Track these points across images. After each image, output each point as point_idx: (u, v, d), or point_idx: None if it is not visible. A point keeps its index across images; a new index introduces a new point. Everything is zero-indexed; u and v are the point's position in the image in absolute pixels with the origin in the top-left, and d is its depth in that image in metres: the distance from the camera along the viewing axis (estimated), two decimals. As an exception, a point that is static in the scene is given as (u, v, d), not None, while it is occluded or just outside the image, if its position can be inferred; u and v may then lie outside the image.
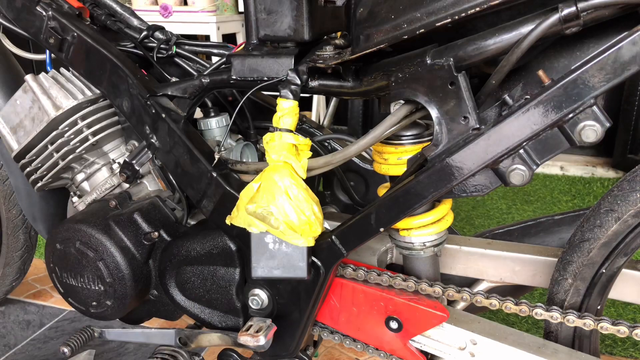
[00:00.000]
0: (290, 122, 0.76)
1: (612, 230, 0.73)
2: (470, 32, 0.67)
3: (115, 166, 0.99)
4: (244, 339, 0.82)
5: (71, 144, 0.94)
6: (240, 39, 3.16)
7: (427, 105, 0.69)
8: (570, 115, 0.62)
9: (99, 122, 0.94)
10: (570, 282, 0.78)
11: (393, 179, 0.82)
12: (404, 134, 0.78)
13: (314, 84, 0.81)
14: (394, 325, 0.82)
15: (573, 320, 0.75)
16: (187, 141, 0.86)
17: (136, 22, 1.01)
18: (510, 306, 0.78)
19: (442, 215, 0.81)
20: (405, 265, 0.87)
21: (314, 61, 0.79)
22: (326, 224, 0.91)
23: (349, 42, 0.78)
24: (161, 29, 1.01)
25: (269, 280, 0.84)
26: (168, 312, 1.00)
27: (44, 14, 0.93)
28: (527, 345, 0.77)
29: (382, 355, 0.86)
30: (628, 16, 0.61)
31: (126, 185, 0.97)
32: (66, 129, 0.93)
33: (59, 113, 0.91)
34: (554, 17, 0.60)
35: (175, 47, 0.99)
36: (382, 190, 0.85)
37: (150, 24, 1.01)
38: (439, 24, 0.65)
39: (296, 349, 0.89)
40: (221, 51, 0.98)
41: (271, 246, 0.79)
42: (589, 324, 0.74)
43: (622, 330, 0.73)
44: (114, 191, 0.98)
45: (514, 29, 0.64)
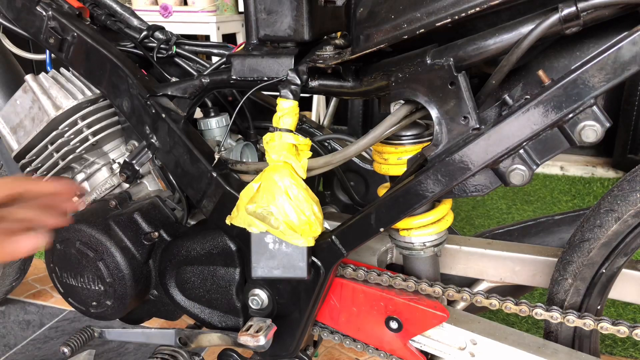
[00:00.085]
0: (290, 122, 0.76)
1: (612, 230, 0.73)
2: (470, 32, 0.67)
3: (115, 166, 0.99)
4: (244, 339, 0.82)
5: (71, 144, 0.94)
6: (240, 39, 3.16)
7: (427, 105, 0.69)
8: (570, 115, 0.62)
9: (99, 122, 0.94)
10: (570, 282, 0.78)
11: (393, 179, 0.82)
12: (404, 134, 0.78)
13: (314, 84, 0.81)
14: (394, 325, 0.82)
15: (573, 320, 0.75)
16: (187, 141, 0.86)
17: (136, 22, 1.01)
18: (510, 306, 0.78)
19: (442, 215, 0.81)
20: (405, 265, 0.87)
21: (314, 61, 0.79)
22: (326, 224, 0.91)
23: (349, 42, 0.78)
24: (161, 29, 1.01)
25: (269, 280, 0.84)
26: (168, 312, 1.00)
27: (44, 14, 0.93)
28: (527, 345, 0.77)
29: (382, 355, 0.86)
30: (628, 16, 0.61)
31: (126, 185, 0.97)
32: (66, 129, 0.93)
33: (59, 113, 0.91)
34: (554, 17, 0.60)
35: (175, 47, 0.99)
36: (382, 190, 0.85)
37: (150, 24, 1.01)
38: (439, 24, 0.65)
39: (296, 349, 0.89)
40: (221, 51, 0.98)
41: (271, 246, 0.79)
42: (589, 324, 0.74)
43: (622, 330, 0.73)
44: (114, 191, 0.98)
45: (514, 29, 0.64)
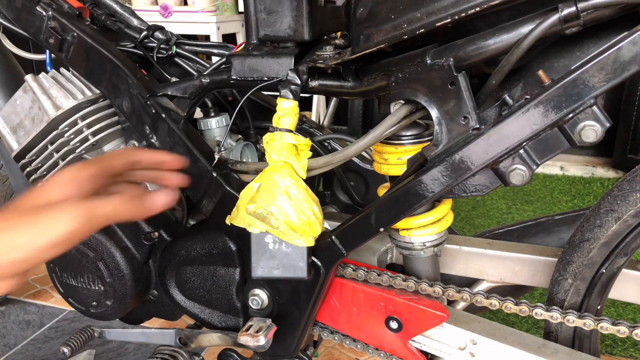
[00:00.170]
0: (290, 122, 0.76)
1: (612, 230, 0.73)
2: (470, 32, 0.67)
3: (115, 166, 0.99)
4: (244, 339, 0.82)
5: (71, 144, 0.94)
6: (240, 39, 3.16)
7: (427, 105, 0.69)
8: (570, 115, 0.62)
9: (99, 122, 0.94)
10: (570, 282, 0.78)
11: (393, 179, 0.82)
12: (404, 134, 0.78)
13: (314, 84, 0.81)
14: (394, 325, 0.82)
15: (573, 320, 0.75)
16: (187, 141, 0.86)
17: (136, 22, 1.00)
18: (510, 306, 0.78)
19: (442, 215, 0.81)
20: (405, 265, 0.87)
21: (314, 61, 0.79)
22: (326, 224, 0.91)
23: (349, 42, 0.78)
24: (161, 29, 1.01)
25: (269, 280, 0.84)
26: (168, 312, 1.00)
27: (44, 14, 0.93)
28: (527, 345, 0.77)
29: (382, 355, 0.86)
30: (628, 16, 0.61)
31: (126, 185, 0.97)
32: (66, 129, 0.93)
33: (59, 113, 0.91)
34: (554, 17, 0.60)
35: (175, 47, 0.99)
36: (382, 190, 0.85)
37: (150, 24, 1.01)
38: (439, 24, 0.65)
39: (296, 349, 0.89)
40: (221, 51, 0.98)
41: (271, 246, 0.79)
42: (589, 324, 0.74)
43: (622, 330, 0.73)
44: (114, 191, 0.98)
45: (514, 29, 0.64)
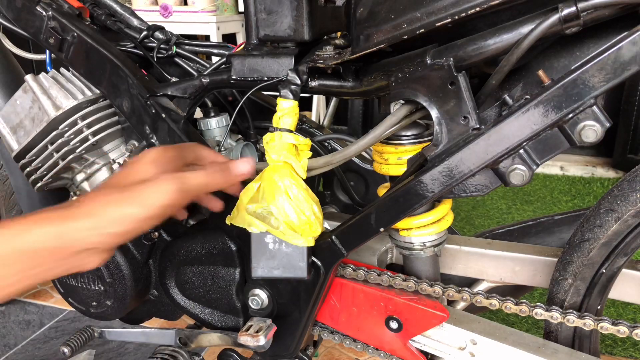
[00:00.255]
0: (291, 122, 0.76)
1: (612, 230, 0.73)
2: (470, 32, 0.67)
3: (115, 166, 0.99)
4: (244, 339, 0.82)
5: (71, 144, 0.94)
6: (240, 39, 3.16)
7: (427, 105, 0.69)
8: (570, 115, 0.62)
9: (99, 122, 0.94)
10: (570, 282, 0.78)
11: (393, 179, 0.82)
12: (404, 134, 0.78)
13: (314, 84, 0.81)
14: (394, 325, 0.82)
15: (573, 320, 0.75)
16: (187, 141, 0.86)
17: (136, 22, 1.00)
18: (510, 306, 0.78)
19: (442, 215, 0.81)
20: (405, 265, 0.87)
21: (314, 61, 0.79)
22: (326, 224, 0.91)
23: (349, 42, 0.78)
24: (161, 29, 1.01)
25: (268, 280, 0.84)
26: (168, 312, 1.00)
27: (44, 14, 0.93)
28: (527, 345, 0.77)
29: (382, 355, 0.86)
30: (628, 16, 0.61)
31: (126, 185, 0.97)
32: (66, 129, 0.93)
33: (59, 113, 0.91)
34: (554, 17, 0.60)
35: (175, 47, 0.99)
36: (382, 190, 0.85)
37: (150, 24, 1.01)
38: (439, 24, 0.65)
39: (296, 349, 0.89)
40: (221, 51, 0.98)
41: (271, 246, 0.79)
42: (589, 324, 0.74)
43: (622, 330, 0.73)
44: (114, 191, 0.98)
45: (514, 29, 0.64)
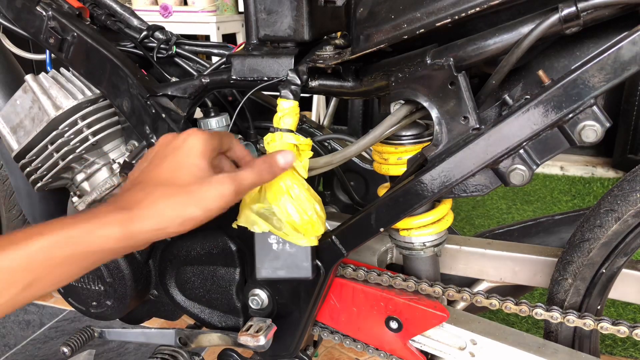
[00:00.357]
0: (291, 123, 0.76)
1: (612, 230, 0.73)
2: (470, 32, 0.67)
3: (115, 166, 0.99)
4: (244, 339, 0.82)
5: (71, 144, 0.94)
6: (240, 39, 3.16)
7: (427, 105, 0.69)
8: (570, 115, 0.62)
9: (99, 122, 0.94)
10: (570, 282, 0.78)
11: (393, 179, 0.82)
12: (404, 134, 0.78)
13: (314, 84, 0.81)
14: (394, 325, 0.82)
15: (573, 320, 0.75)
16: (187, 141, 0.86)
17: (136, 22, 1.00)
18: (510, 306, 0.78)
19: (442, 215, 0.81)
20: (405, 265, 0.87)
21: (314, 61, 0.79)
22: (326, 224, 0.91)
23: (349, 42, 0.78)
24: (161, 29, 1.01)
25: (269, 280, 0.84)
26: (168, 312, 1.00)
27: (44, 14, 0.93)
28: (527, 345, 0.77)
29: (382, 355, 0.86)
30: (628, 16, 0.61)
31: (126, 185, 0.97)
32: (66, 129, 0.93)
33: (59, 113, 0.91)
34: (554, 17, 0.60)
35: (175, 47, 0.99)
36: (382, 190, 0.85)
37: (150, 24, 1.01)
38: (439, 24, 0.65)
39: (296, 349, 0.89)
40: (221, 51, 0.98)
41: (275, 247, 0.78)
42: (589, 324, 0.74)
43: (622, 330, 0.73)
44: (114, 191, 0.98)
45: (514, 29, 0.64)
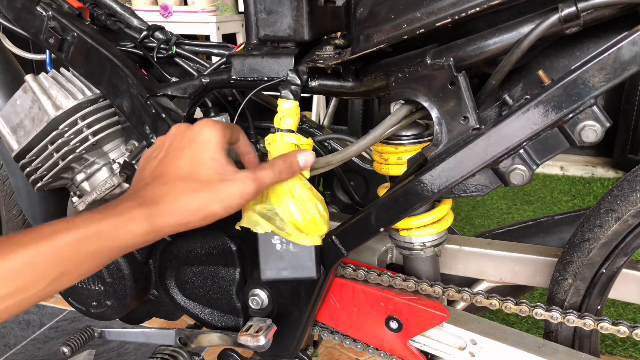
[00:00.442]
0: (292, 123, 0.76)
1: (612, 230, 0.73)
2: (470, 32, 0.67)
3: (115, 166, 0.99)
4: (244, 339, 0.82)
5: (71, 144, 0.94)
6: (240, 39, 3.16)
7: (427, 105, 0.69)
8: (570, 115, 0.62)
9: (99, 122, 0.94)
10: (570, 282, 0.78)
11: (393, 179, 0.82)
12: (404, 134, 0.78)
13: (314, 84, 0.81)
14: (394, 325, 0.82)
15: (573, 320, 0.75)
16: (187, 141, 0.86)
17: (136, 22, 1.00)
18: (510, 306, 0.78)
19: (442, 215, 0.81)
20: (405, 265, 0.87)
21: (314, 61, 0.79)
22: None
23: (349, 42, 0.78)
24: (161, 29, 1.01)
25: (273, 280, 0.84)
26: (168, 312, 1.00)
27: (44, 14, 0.93)
28: (527, 345, 0.77)
29: (382, 355, 0.86)
30: (628, 16, 0.61)
31: (126, 185, 0.97)
32: (66, 129, 0.93)
33: (59, 113, 0.91)
34: (554, 17, 0.60)
35: (175, 47, 0.99)
36: (382, 190, 0.85)
37: (150, 24, 1.01)
38: (439, 24, 0.65)
39: (296, 349, 0.89)
40: (221, 51, 0.98)
41: (279, 247, 0.78)
42: (589, 324, 0.74)
43: (622, 330, 0.73)
44: (114, 191, 0.98)
45: (514, 29, 0.64)
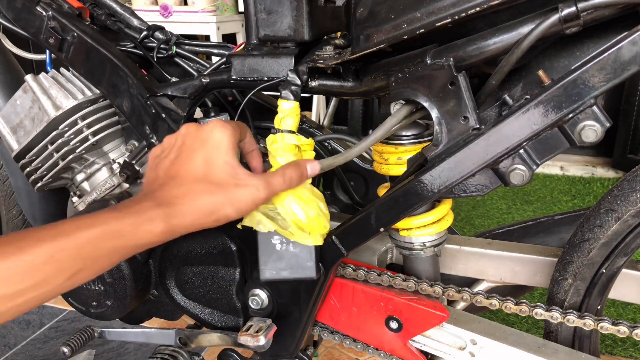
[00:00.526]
0: (292, 123, 0.76)
1: (612, 230, 0.73)
2: (470, 32, 0.67)
3: (115, 166, 0.99)
4: (244, 339, 0.82)
5: (71, 144, 0.94)
6: (240, 39, 3.16)
7: (427, 105, 0.69)
8: (570, 115, 0.62)
9: (99, 122, 0.94)
10: (570, 282, 0.78)
11: (393, 179, 0.82)
12: (404, 134, 0.78)
13: (314, 84, 0.81)
14: (394, 325, 0.82)
15: (573, 320, 0.75)
16: (187, 141, 0.86)
17: (136, 22, 1.00)
18: (510, 306, 0.78)
19: (442, 215, 0.81)
20: (405, 265, 0.87)
21: (314, 61, 0.79)
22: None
23: (349, 42, 0.78)
24: (161, 29, 1.01)
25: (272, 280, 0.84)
26: (168, 312, 1.00)
27: (44, 14, 0.93)
28: (527, 345, 0.77)
29: (382, 355, 0.86)
30: (628, 16, 0.61)
31: (126, 185, 0.97)
32: (66, 129, 0.93)
33: (59, 113, 0.91)
34: (554, 17, 0.60)
35: (175, 47, 0.99)
36: (382, 190, 0.85)
37: (150, 24, 1.01)
38: (439, 24, 0.65)
39: (296, 349, 0.89)
40: (221, 51, 0.98)
41: (278, 247, 0.78)
42: (589, 324, 0.74)
43: (622, 330, 0.73)
44: (114, 191, 0.98)
45: (514, 29, 0.64)
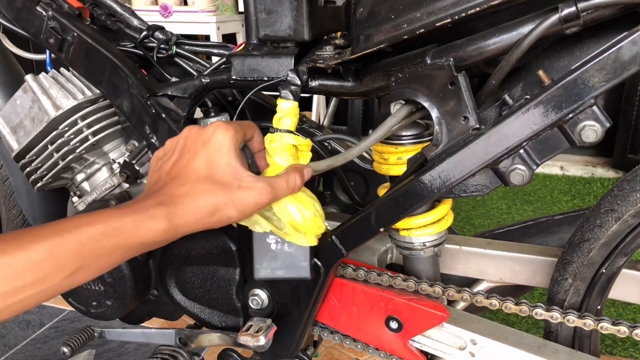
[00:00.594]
0: (291, 123, 0.76)
1: (612, 230, 0.73)
2: (470, 32, 0.67)
3: (115, 166, 0.99)
4: (244, 339, 0.82)
5: (71, 144, 0.94)
6: (240, 39, 3.16)
7: (427, 105, 0.69)
8: (570, 115, 0.62)
9: (99, 122, 0.94)
10: (570, 282, 0.78)
11: (393, 179, 0.82)
12: (404, 133, 0.78)
13: (314, 84, 0.81)
14: (394, 325, 0.82)
15: (573, 320, 0.75)
16: (187, 141, 0.86)
17: (136, 22, 1.00)
18: (510, 306, 0.78)
19: (442, 215, 0.81)
20: (405, 265, 0.87)
21: (314, 61, 0.79)
22: (326, 224, 0.91)
23: (349, 42, 0.78)
24: (161, 29, 1.01)
25: (269, 280, 0.84)
26: (168, 312, 1.00)
27: (44, 14, 0.93)
28: (527, 345, 0.77)
29: (382, 355, 0.86)
30: (628, 16, 0.61)
31: (126, 185, 0.97)
32: (66, 129, 0.93)
33: (59, 113, 0.91)
34: (554, 17, 0.60)
35: (175, 47, 0.99)
36: (382, 190, 0.85)
37: (150, 24, 1.01)
38: (439, 24, 0.65)
39: (296, 349, 0.89)
40: (221, 51, 0.98)
41: (273, 247, 0.78)
42: (589, 324, 0.74)
43: (622, 330, 0.73)
44: (114, 191, 0.98)
45: (514, 29, 0.64)
